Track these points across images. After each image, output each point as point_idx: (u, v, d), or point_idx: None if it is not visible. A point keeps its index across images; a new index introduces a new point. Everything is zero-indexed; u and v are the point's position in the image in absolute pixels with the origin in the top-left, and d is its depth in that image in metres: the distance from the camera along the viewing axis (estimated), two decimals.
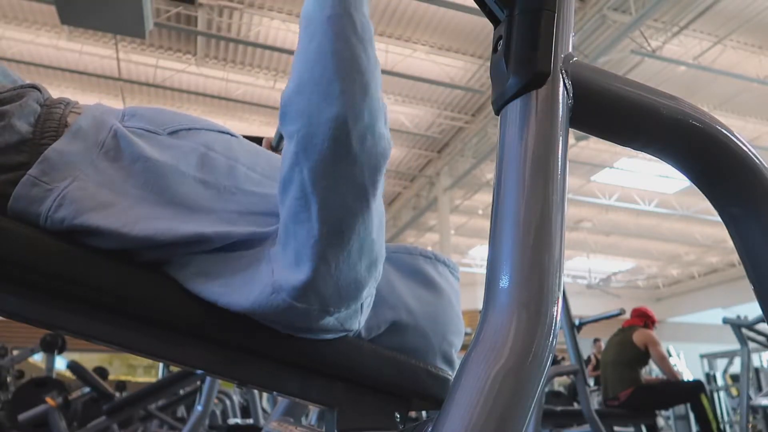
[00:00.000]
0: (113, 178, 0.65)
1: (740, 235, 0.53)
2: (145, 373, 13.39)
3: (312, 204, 0.57)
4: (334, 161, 0.56)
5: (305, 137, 0.56)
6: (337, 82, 0.55)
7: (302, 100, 0.57)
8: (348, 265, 0.60)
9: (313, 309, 0.60)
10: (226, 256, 0.65)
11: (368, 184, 0.59)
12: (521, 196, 0.43)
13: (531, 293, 0.41)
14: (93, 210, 0.62)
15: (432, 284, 0.79)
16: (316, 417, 1.68)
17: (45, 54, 7.36)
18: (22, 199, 0.62)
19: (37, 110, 0.67)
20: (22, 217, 0.63)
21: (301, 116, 0.57)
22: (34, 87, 0.70)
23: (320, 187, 0.57)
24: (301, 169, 0.57)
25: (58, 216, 0.62)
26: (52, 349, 5.77)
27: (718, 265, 14.39)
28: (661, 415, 6.04)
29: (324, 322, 0.63)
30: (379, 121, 0.59)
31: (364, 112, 0.57)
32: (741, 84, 7.46)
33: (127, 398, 2.98)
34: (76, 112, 0.70)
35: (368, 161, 0.58)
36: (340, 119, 0.55)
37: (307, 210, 0.57)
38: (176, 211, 0.65)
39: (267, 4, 6.66)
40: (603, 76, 0.50)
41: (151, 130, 0.70)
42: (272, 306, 0.60)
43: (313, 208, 0.57)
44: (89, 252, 0.63)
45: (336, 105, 0.55)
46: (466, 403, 0.38)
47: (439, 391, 0.76)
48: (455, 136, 9.30)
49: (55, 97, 0.72)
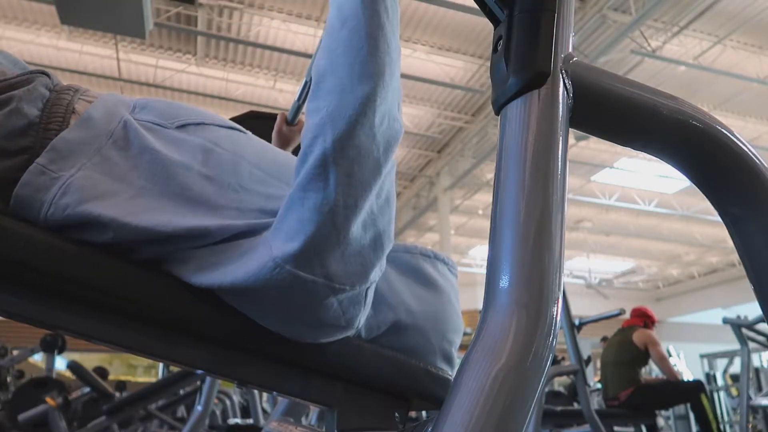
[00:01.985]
0: (120, 168, 0.66)
1: (740, 235, 0.53)
2: (145, 373, 13.39)
3: (331, 172, 0.59)
4: (357, 135, 0.59)
5: (335, 110, 0.59)
6: (370, 63, 0.59)
7: (335, 78, 0.60)
8: (354, 237, 0.61)
9: (317, 281, 0.60)
10: (225, 246, 0.65)
11: (381, 162, 0.62)
12: (521, 196, 0.43)
13: (531, 293, 0.41)
14: (96, 198, 0.63)
15: (431, 283, 0.79)
16: (316, 417, 1.68)
17: (45, 54, 7.36)
18: (28, 187, 0.63)
19: (45, 95, 0.67)
20: (25, 204, 0.63)
21: (332, 93, 0.60)
22: (43, 73, 0.70)
23: (343, 157, 0.59)
24: (324, 139, 0.59)
25: (61, 203, 0.62)
26: (52, 349, 5.78)
27: (718, 265, 14.39)
28: (661, 415, 6.04)
29: (327, 304, 0.62)
30: (395, 104, 0.63)
31: (388, 92, 0.60)
32: (741, 84, 7.46)
33: (127, 398, 2.98)
34: (85, 99, 0.70)
35: (383, 140, 0.61)
36: (370, 98, 0.59)
37: (324, 179, 0.59)
38: (179, 204, 0.65)
39: (267, 4, 6.66)
40: (603, 76, 0.50)
41: (160, 124, 0.70)
42: (276, 280, 0.59)
43: (332, 177, 0.59)
44: (90, 251, 0.63)
45: (368, 84, 0.59)
46: (466, 403, 0.38)
47: (439, 391, 0.76)
48: (455, 136, 9.30)
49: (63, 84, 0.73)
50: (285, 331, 0.65)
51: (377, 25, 0.60)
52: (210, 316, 0.64)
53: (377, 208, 0.63)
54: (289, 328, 0.65)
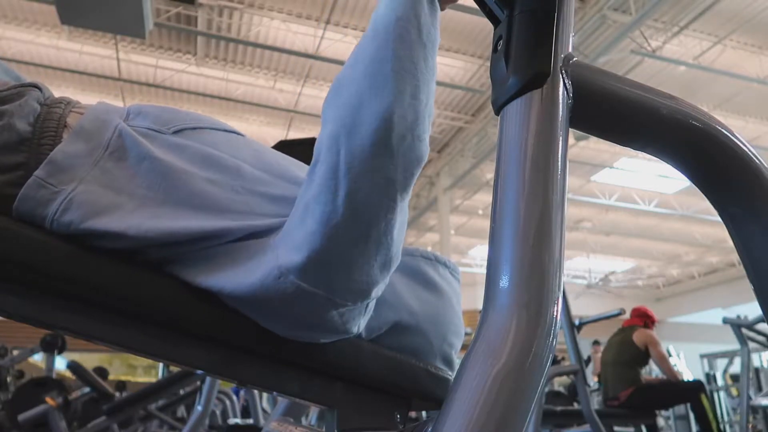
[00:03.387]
0: (119, 179, 0.65)
1: (740, 235, 0.53)
2: (145, 373, 13.39)
3: (341, 186, 0.57)
4: (372, 152, 0.57)
5: (350, 122, 0.58)
6: (392, 83, 0.57)
7: (354, 89, 0.59)
8: (363, 257, 0.59)
9: (319, 295, 0.59)
10: (230, 248, 0.65)
11: (399, 184, 0.59)
12: (521, 196, 0.43)
13: (531, 293, 0.41)
14: (100, 214, 0.62)
15: (433, 285, 0.79)
16: (316, 417, 1.68)
17: (45, 54, 7.36)
18: (29, 201, 0.62)
19: (36, 109, 0.67)
20: (27, 219, 0.63)
21: (349, 104, 0.59)
22: (35, 86, 0.69)
23: (354, 172, 0.57)
24: (338, 150, 0.58)
25: (64, 220, 0.62)
26: (52, 349, 5.77)
27: (718, 265, 14.39)
28: (661, 415, 6.05)
29: (328, 316, 0.62)
30: (421, 125, 0.60)
31: (409, 113, 0.58)
32: (741, 84, 7.46)
33: (127, 398, 2.98)
34: (77, 112, 0.70)
35: (403, 160, 0.59)
36: (387, 114, 0.57)
37: (333, 192, 0.58)
38: (183, 209, 0.65)
39: (267, 4, 6.66)
40: (603, 76, 0.50)
41: (156, 129, 0.70)
42: (279, 289, 0.59)
43: (341, 191, 0.57)
44: (90, 251, 0.63)
45: (385, 101, 0.57)
46: (466, 403, 0.38)
47: (439, 391, 0.76)
48: (455, 136, 9.30)
49: (55, 96, 0.72)
50: (282, 332, 0.65)
51: (407, 43, 0.58)
52: (210, 316, 0.64)
53: (389, 230, 0.60)
54: (288, 331, 0.65)
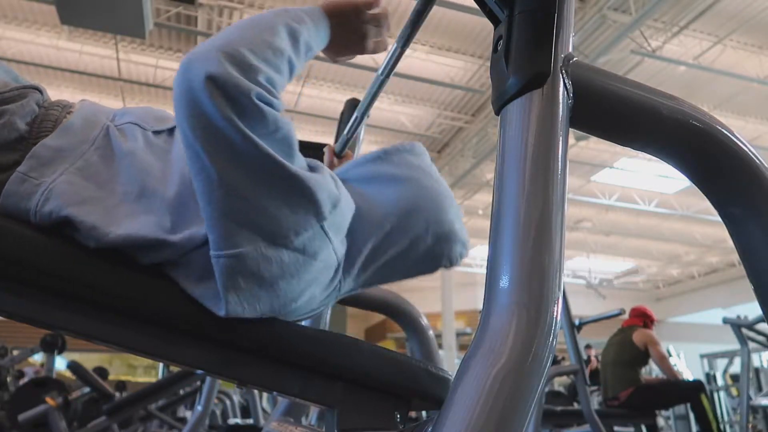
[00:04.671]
0: (102, 173, 0.66)
1: (740, 235, 0.53)
2: (145, 373, 13.38)
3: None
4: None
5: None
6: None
7: None
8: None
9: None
10: None
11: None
12: (521, 196, 0.43)
13: (531, 293, 0.41)
14: (79, 204, 0.63)
15: (394, 179, 0.78)
16: (316, 417, 1.68)
17: (45, 54, 7.36)
18: (13, 196, 0.63)
19: (35, 111, 0.68)
20: (13, 215, 0.63)
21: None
22: (36, 88, 0.70)
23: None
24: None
25: (45, 210, 0.62)
26: (52, 349, 5.77)
27: (718, 265, 14.39)
28: (661, 415, 6.04)
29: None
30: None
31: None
32: (741, 84, 7.45)
33: (127, 398, 2.98)
34: (72, 113, 0.71)
35: None
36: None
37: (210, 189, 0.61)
38: (163, 209, 0.65)
39: (267, 5, 6.66)
40: (603, 76, 0.50)
41: (139, 125, 0.71)
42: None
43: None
44: (90, 252, 0.63)
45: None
46: (466, 403, 0.38)
47: (439, 391, 0.76)
48: (455, 136, 9.29)
49: (54, 97, 0.73)
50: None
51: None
52: (209, 316, 0.64)
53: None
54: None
